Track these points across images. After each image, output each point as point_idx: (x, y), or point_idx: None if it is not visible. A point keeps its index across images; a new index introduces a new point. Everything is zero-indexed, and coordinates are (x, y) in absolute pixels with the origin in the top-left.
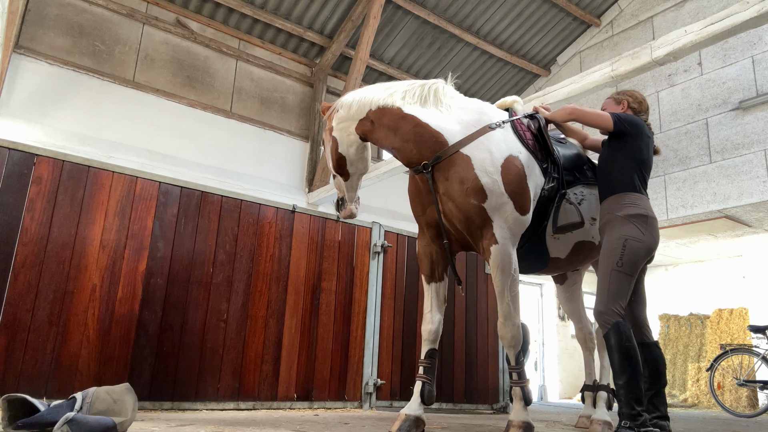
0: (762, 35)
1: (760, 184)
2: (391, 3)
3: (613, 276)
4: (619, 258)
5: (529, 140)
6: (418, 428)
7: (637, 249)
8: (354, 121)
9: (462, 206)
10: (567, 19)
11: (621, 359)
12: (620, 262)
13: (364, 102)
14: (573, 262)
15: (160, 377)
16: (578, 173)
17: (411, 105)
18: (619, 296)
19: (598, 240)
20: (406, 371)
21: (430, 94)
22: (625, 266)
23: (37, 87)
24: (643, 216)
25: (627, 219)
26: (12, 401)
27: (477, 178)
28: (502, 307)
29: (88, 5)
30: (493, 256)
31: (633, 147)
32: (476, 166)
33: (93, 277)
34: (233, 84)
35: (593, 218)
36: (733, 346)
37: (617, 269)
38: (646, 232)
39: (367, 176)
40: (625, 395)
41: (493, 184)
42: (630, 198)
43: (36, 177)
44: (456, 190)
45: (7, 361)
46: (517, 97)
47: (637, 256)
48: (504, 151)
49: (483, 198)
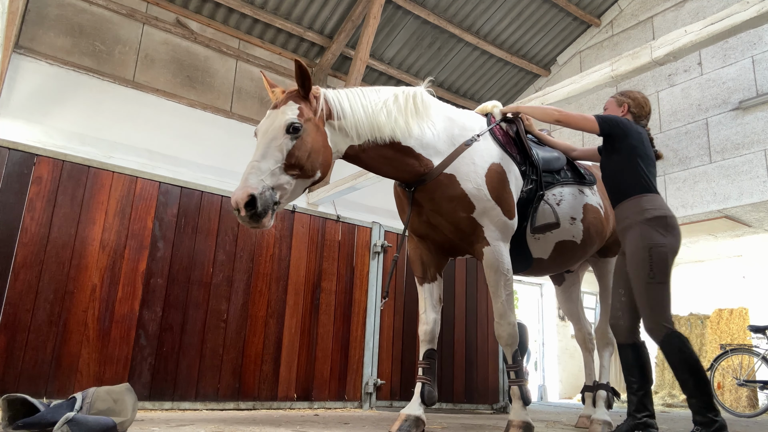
0: (762, 35)
1: (760, 184)
2: (391, 3)
3: (649, 290)
4: (649, 269)
5: (507, 144)
6: (418, 428)
7: (663, 255)
8: (347, 143)
9: (452, 219)
10: (567, 19)
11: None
12: (652, 273)
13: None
14: (558, 262)
15: (160, 377)
16: (557, 174)
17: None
18: (662, 307)
19: (580, 239)
20: (406, 371)
21: (415, 109)
22: (657, 276)
23: (37, 87)
24: (663, 217)
25: (647, 224)
26: (12, 401)
27: (464, 192)
28: (497, 307)
29: (88, 5)
30: (485, 257)
31: (627, 146)
32: (462, 182)
33: (93, 277)
34: (233, 84)
35: (572, 218)
36: (733, 346)
37: (651, 281)
38: (668, 235)
39: (367, 176)
40: (695, 405)
41: (479, 192)
42: (646, 200)
43: (36, 177)
44: (445, 208)
45: (7, 361)
46: (497, 102)
47: (666, 261)
48: (486, 159)
49: (472, 209)
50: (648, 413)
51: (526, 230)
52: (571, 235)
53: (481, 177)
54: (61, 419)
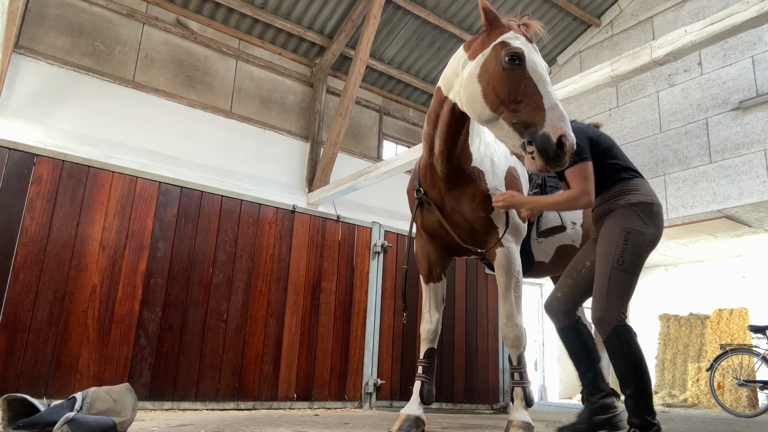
0: (762, 35)
1: (760, 184)
2: (391, 3)
3: (613, 276)
4: (620, 255)
5: None
6: (418, 428)
7: (639, 243)
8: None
9: (471, 218)
10: (567, 19)
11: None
12: (621, 260)
13: None
14: (558, 266)
15: (160, 377)
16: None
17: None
18: (620, 298)
19: (579, 243)
20: (406, 371)
21: None
22: (627, 264)
23: (37, 87)
24: (648, 203)
25: (629, 208)
26: (12, 401)
27: (488, 191)
28: (506, 308)
29: (88, 5)
30: (498, 258)
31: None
32: (488, 179)
33: (93, 277)
34: (233, 84)
35: (573, 222)
36: (733, 346)
37: (618, 268)
38: (651, 223)
39: (367, 176)
40: (633, 405)
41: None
42: (633, 184)
43: (36, 177)
44: (467, 205)
45: (7, 361)
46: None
47: (641, 250)
48: (504, 161)
49: (491, 209)
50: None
51: (531, 234)
52: (571, 240)
53: (500, 179)
54: (61, 419)
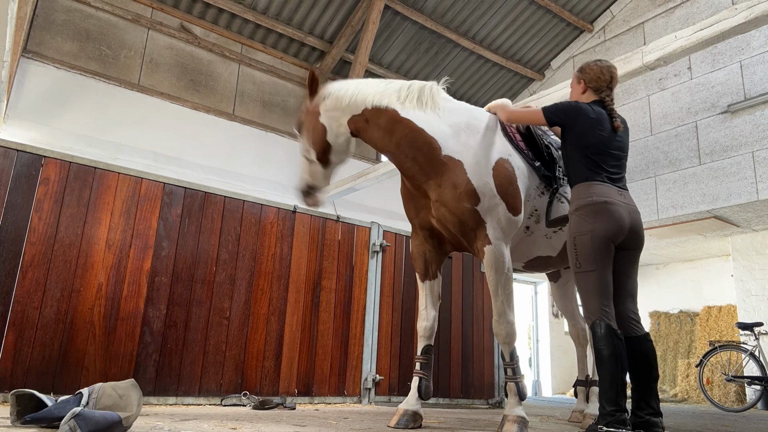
0: (749, 41)
1: (748, 185)
2: (389, 9)
3: (578, 279)
4: (575, 259)
5: (519, 141)
6: (416, 422)
7: (586, 242)
8: (346, 115)
9: (455, 210)
10: (560, 25)
11: (596, 359)
12: (578, 263)
13: (359, 98)
14: (564, 260)
15: (165, 373)
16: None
17: (407, 108)
18: (591, 296)
19: None
20: (404, 367)
21: (427, 97)
22: (584, 264)
23: (45, 90)
24: (586, 205)
25: (574, 214)
26: (20, 396)
27: (469, 180)
28: (497, 305)
29: (95, 11)
30: (486, 256)
31: (574, 135)
32: (468, 170)
33: (99, 276)
34: (236, 87)
35: None
36: (722, 342)
37: (578, 271)
38: (592, 220)
39: (366, 177)
40: (599, 394)
41: (485, 186)
42: (576, 191)
43: (44, 178)
44: (449, 196)
45: (15, 358)
46: (507, 101)
47: (590, 248)
48: (494, 154)
49: (476, 201)
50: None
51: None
52: None
53: (488, 171)
54: (68, 414)
